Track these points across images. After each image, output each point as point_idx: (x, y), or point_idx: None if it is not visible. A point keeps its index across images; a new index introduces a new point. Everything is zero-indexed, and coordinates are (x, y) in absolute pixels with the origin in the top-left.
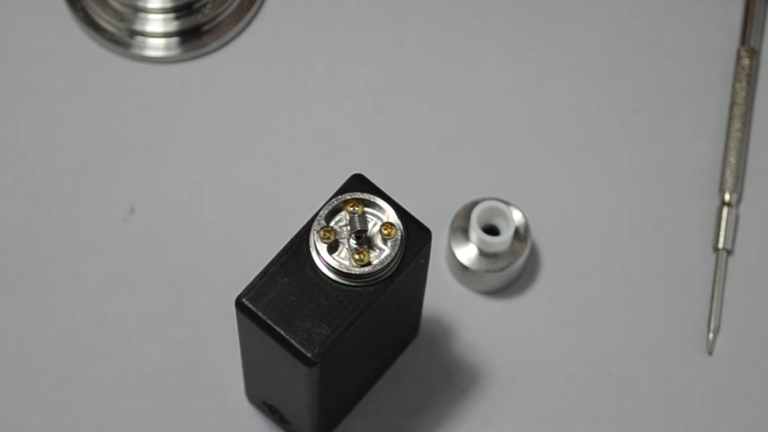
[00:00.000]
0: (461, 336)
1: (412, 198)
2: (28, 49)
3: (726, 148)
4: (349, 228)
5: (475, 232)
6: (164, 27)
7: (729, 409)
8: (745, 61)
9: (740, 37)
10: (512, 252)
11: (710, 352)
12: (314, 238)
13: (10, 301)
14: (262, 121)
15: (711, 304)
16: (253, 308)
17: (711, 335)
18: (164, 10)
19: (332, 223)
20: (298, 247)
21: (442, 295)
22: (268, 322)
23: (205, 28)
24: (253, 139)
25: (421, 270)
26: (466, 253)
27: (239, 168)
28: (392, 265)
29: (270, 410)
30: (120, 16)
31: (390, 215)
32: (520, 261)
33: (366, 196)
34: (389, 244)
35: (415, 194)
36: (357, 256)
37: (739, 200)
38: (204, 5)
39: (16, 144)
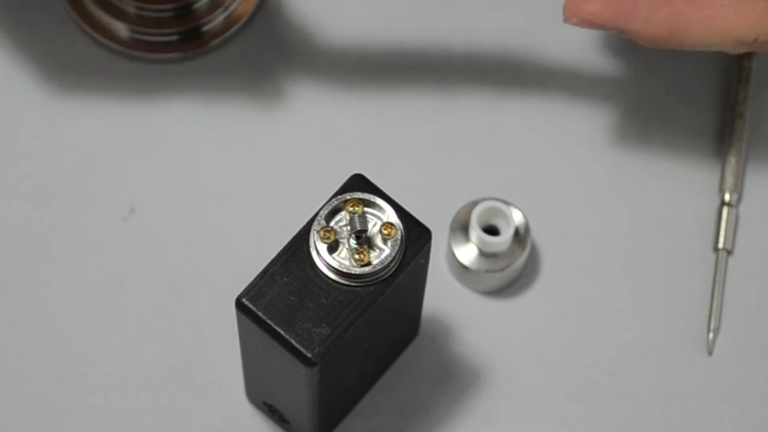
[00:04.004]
0: (461, 336)
1: (412, 198)
2: (28, 48)
3: (726, 148)
4: (349, 228)
5: (475, 232)
6: (164, 27)
7: (729, 409)
8: (745, 62)
9: None
10: (512, 252)
11: (710, 352)
12: (314, 238)
13: (10, 301)
14: (261, 121)
15: (711, 304)
16: (253, 308)
17: (711, 335)
18: (164, 10)
19: (332, 223)
20: (298, 247)
21: (442, 295)
22: (268, 322)
23: (205, 28)
24: (253, 138)
25: (421, 270)
26: (466, 253)
27: (239, 168)
28: (392, 265)
29: (270, 410)
30: (120, 16)
31: (390, 215)
32: (520, 261)
33: (366, 196)
34: (389, 244)
35: (415, 194)
36: (357, 256)
37: (739, 200)
38: (203, 5)
39: (16, 144)
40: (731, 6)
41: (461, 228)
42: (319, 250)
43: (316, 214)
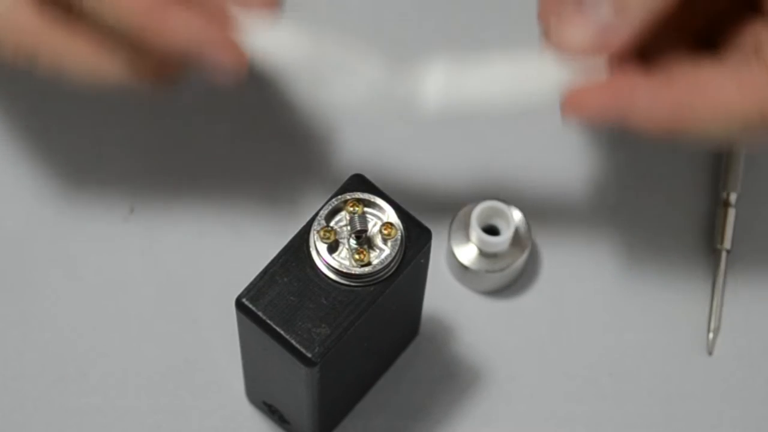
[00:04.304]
0: (461, 336)
1: (412, 198)
2: None
3: (726, 148)
4: (349, 228)
5: (475, 232)
6: None
7: (729, 409)
8: None
9: None
10: (512, 252)
11: (710, 352)
12: (314, 238)
13: (10, 301)
14: (262, 121)
15: (711, 304)
16: (253, 308)
17: (711, 335)
18: None
19: (332, 223)
20: (298, 247)
21: (442, 295)
22: (268, 322)
23: None
24: (253, 138)
25: (421, 270)
26: (466, 253)
27: (239, 167)
28: (392, 265)
29: (270, 410)
30: None
31: (390, 215)
32: (520, 261)
33: (366, 196)
34: (389, 244)
35: (415, 194)
36: (357, 256)
37: (738, 200)
38: None
39: (15, 143)
40: (733, 80)
41: (461, 228)
42: (319, 250)
43: (316, 214)
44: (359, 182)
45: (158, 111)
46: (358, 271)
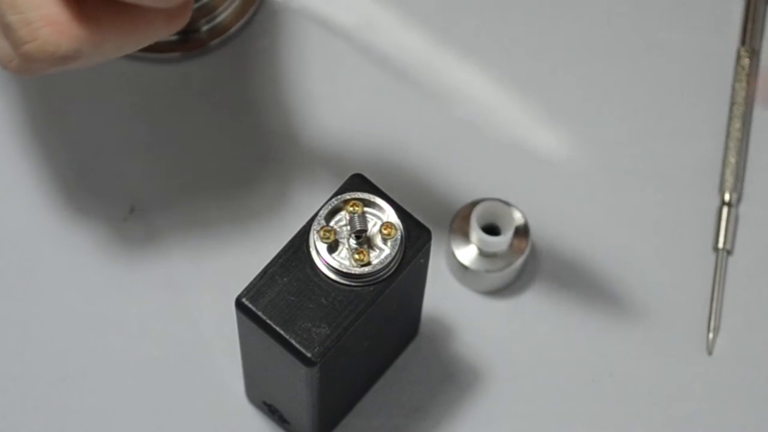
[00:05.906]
0: (461, 336)
1: (412, 198)
2: None
3: (726, 148)
4: (349, 228)
5: (475, 232)
6: None
7: (729, 409)
8: (745, 61)
9: (740, 37)
10: (512, 252)
11: (710, 352)
12: (314, 238)
13: (10, 301)
14: (261, 121)
15: (711, 304)
16: (253, 308)
17: (711, 335)
18: None
19: (332, 223)
20: (298, 247)
21: (442, 295)
22: (268, 322)
23: (205, 27)
24: (253, 138)
25: (421, 270)
26: (466, 253)
27: (239, 167)
28: (392, 265)
29: (270, 410)
30: None
31: (390, 215)
32: (520, 261)
33: (366, 196)
34: (389, 244)
35: (415, 194)
36: (357, 256)
37: (739, 200)
38: (204, 5)
39: (16, 142)
40: None
41: (461, 228)
42: (319, 250)
43: (316, 214)
44: (359, 182)
45: (158, 110)
46: (358, 271)
